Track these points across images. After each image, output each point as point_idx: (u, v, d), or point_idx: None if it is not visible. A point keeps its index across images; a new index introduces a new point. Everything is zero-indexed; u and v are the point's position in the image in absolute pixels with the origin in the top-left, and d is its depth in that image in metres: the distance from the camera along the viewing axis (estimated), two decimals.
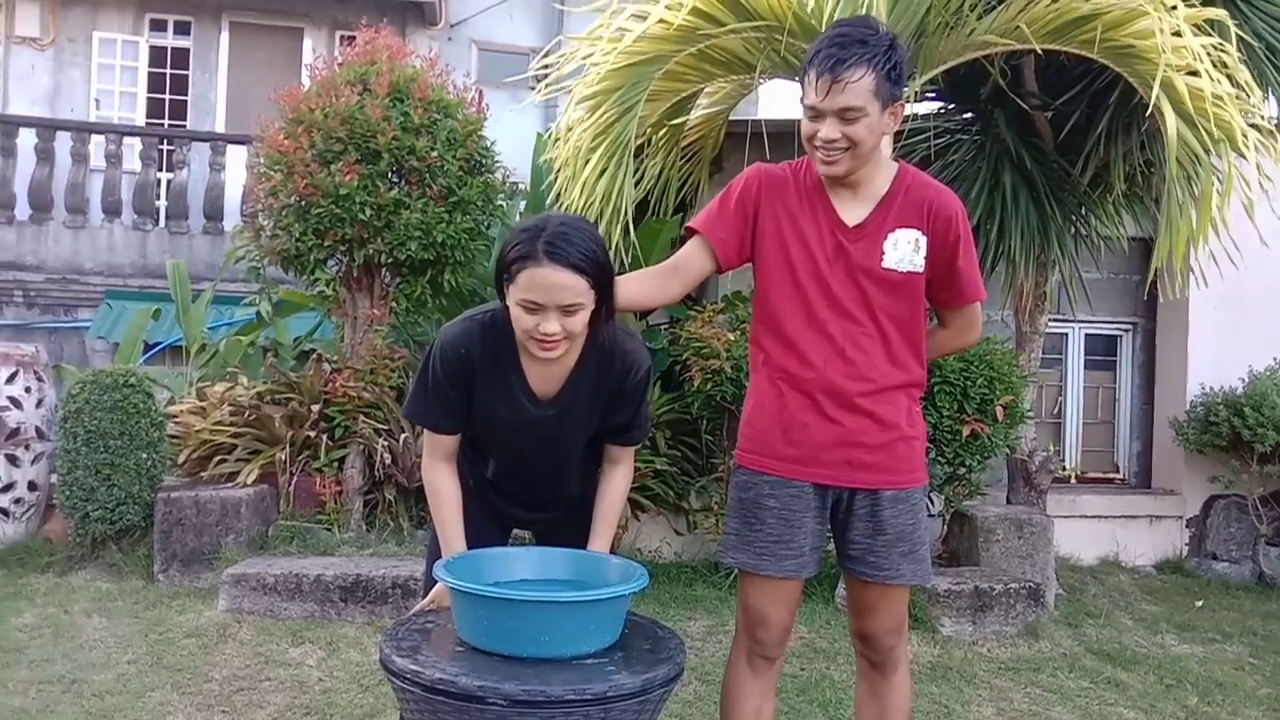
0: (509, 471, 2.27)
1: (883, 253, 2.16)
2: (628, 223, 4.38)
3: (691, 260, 2.28)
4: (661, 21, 4.15)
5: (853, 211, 2.19)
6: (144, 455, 4.77)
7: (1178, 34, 3.79)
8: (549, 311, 1.93)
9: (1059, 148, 5.16)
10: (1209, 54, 3.82)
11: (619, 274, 2.15)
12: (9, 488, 5.01)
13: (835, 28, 2.13)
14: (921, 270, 2.18)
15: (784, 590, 2.26)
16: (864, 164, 2.15)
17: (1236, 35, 4.06)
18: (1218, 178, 4.06)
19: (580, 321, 1.98)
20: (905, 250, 2.16)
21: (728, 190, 2.29)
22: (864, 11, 3.85)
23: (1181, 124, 3.85)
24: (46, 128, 8.95)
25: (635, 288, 2.27)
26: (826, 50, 2.06)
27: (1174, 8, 3.83)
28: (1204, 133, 3.83)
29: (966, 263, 2.21)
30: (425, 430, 2.22)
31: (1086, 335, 6.81)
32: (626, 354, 2.15)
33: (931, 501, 5.11)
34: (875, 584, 2.24)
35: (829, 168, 2.14)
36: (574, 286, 1.92)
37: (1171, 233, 4.03)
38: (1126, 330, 6.84)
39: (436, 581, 2.08)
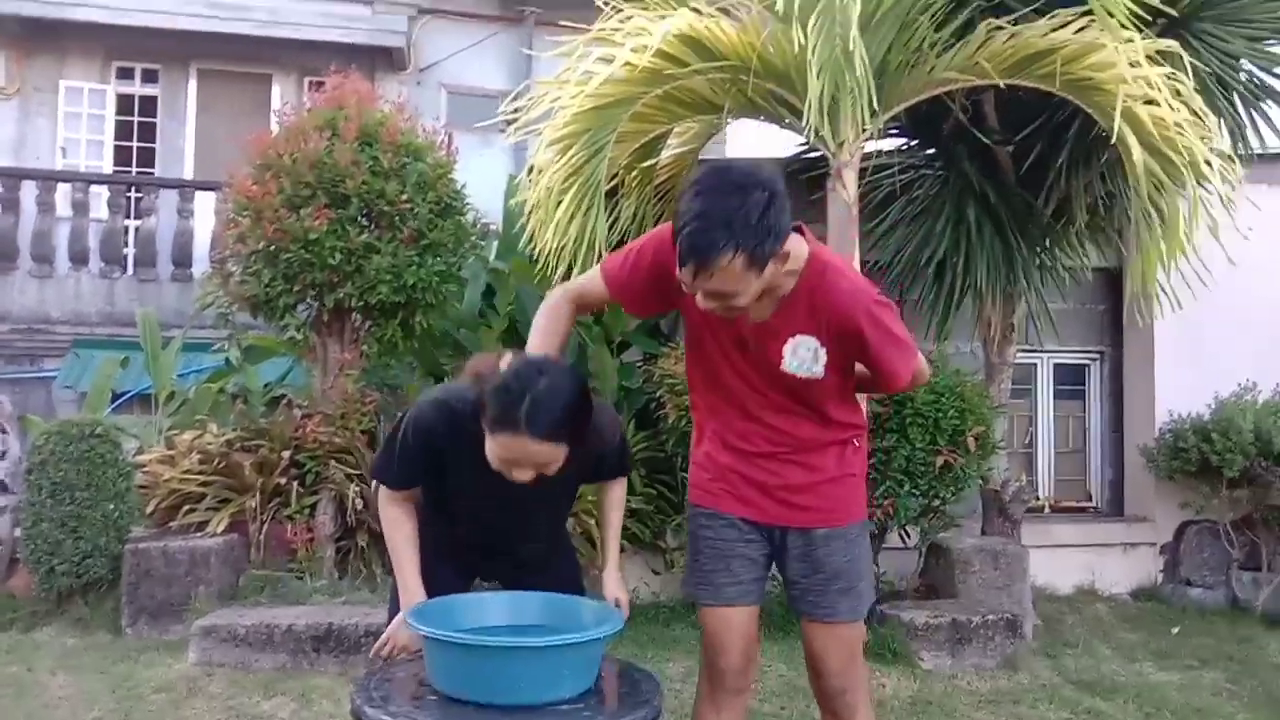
0: (480, 532, 2.28)
1: (782, 357, 2.12)
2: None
3: (596, 296, 2.29)
4: (627, 64, 4.20)
5: (756, 307, 2.06)
6: (111, 506, 4.69)
7: (1136, 64, 3.88)
8: (525, 468, 1.96)
9: (1021, 181, 5.25)
10: (1165, 84, 3.92)
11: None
12: None
13: (701, 187, 1.91)
14: (822, 375, 2.11)
15: (731, 617, 2.28)
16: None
17: (1191, 65, 4.16)
18: (1184, 204, 4.14)
19: (554, 468, 1.98)
20: (804, 357, 2.10)
21: (641, 251, 2.16)
22: (834, 46, 3.87)
23: (1145, 153, 3.92)
24: (11, 177, 8.87)
25: (556, 341, 2.25)
26: (690, 228, 1.87)
27: (1130, 40, 3.93)
28: (1168, 160, 3.91)
29: (884, 356, 2.09)
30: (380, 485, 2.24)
31: (1055, 365, 6.88)
32: (600, 431, 2.13)
33: (907, 534, 5.12)
34: (817, 621, 2.27)
35: (720, 312, 2.03)
36: (553, 454, 1.94)
37: (1143, 259, 4.10)
38: (1094, 359, 6.91)
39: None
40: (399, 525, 2.20)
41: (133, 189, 9.48)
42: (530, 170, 4.81)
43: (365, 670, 2.08)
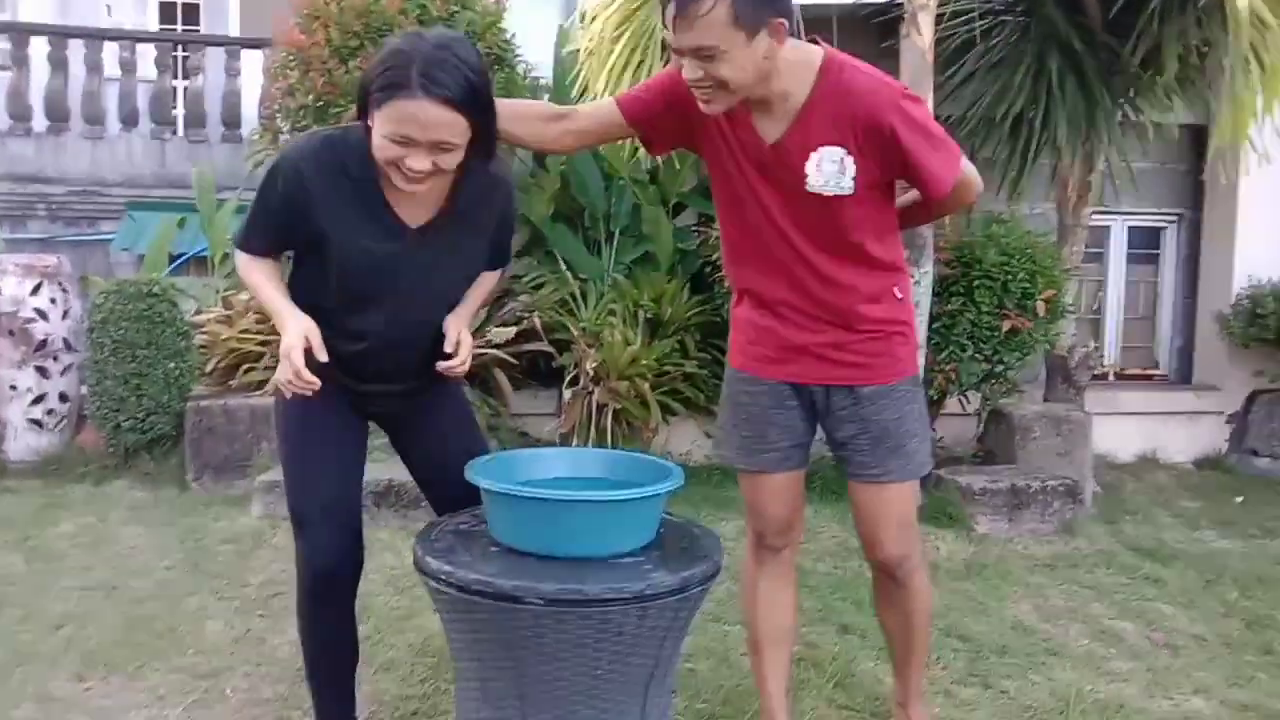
0: (371, 329, 1.98)
1: (805, 175, 1.92)
2: None
3: (599, 120, 2.09)
4: None
5: (770, 128, 1.93)
6: (172, 365, 4.76)
7: None
8: (420, 147, 1.72)
9: (1109, 27, 4.89)
10: None
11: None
12: (40, 399, 5.03)
13: None
14: (851, 191, 1.92)
15: (769, 483, 2.22)
16: (752, 92, 1.87)
17: None
18: None
19: (453, 160, 1.77)
20: (829, 171, 1.91)
21: (658, 80, 2.05)
22: None
23: None
24: (58, 35, 8.76)
25: (510, 119, 2.02)
26: None
27: None
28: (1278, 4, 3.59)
29: (923, 158, 1.90)
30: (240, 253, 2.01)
31: (1130, 228, 6.59)
32: (503, 180, 1.99)
33: (967, 400, 5.03)
34: (867, 483, 2.15)
35: (707, 107, 1.88)
36: (452, 124, 1.71)
37: (1236, 110, 3.82)
38: (1171, 222, 6.61)
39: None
40: (256, 271, 1.97)
41: (179, 48, 9.33)
42: (582, 17, 4.59)
43: (426, 523, 2.07)
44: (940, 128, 1.96)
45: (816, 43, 1.93)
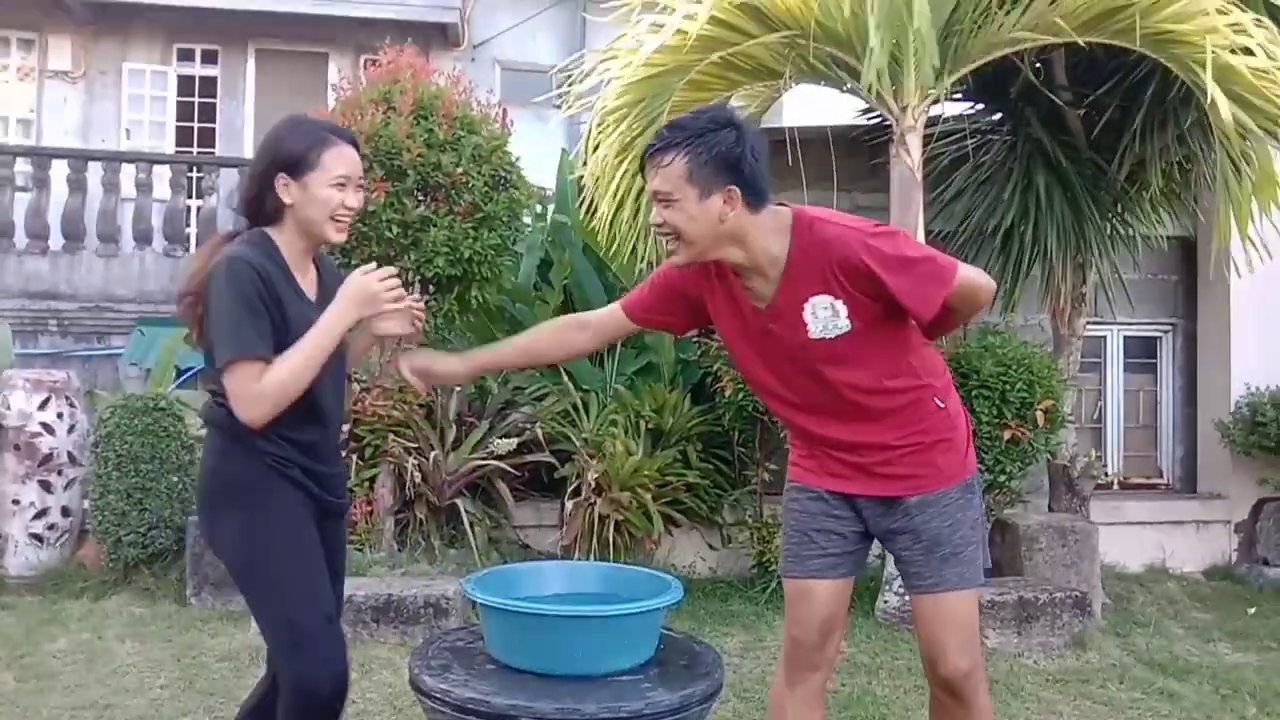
0: (326, 402, 2.14)
1: (805, 324, 2.04)
2: None
3: (612, 327, 2.38)
4: (679, 32, 4.11)
5: (760, 292, 2.09)
6: (175, 479, 4.77)
7: (1223, 11, 3.68)
8: (351, 185, 2.09)
9: (1093, 145, 5.07)
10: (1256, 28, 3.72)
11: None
12: (42, 514, 5.02)
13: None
14: (849, 329, 2.03)
15: (812, 589, 2.19)
16: (708, 252, 2.03)
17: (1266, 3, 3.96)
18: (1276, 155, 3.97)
19: (362, 199, 2.16)
20: (824, 317, 2.03)
21: (652, 279, 2.29)
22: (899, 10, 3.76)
23: (1234, 105, 3.72)
24: (78, 158, 9.05)
25: (524, 339, 2.48)
26: (657, 134, 2.06)
27: None
28: (1257, 110, 3.71)
29: (902, 289, 1.98)
30: (247, 371, 1.94)
31: (1125, 337, 6.67)
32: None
33: None
34: (923, 594, 2.15)
35: (672, 256, 2.10)
36: (360, 164, 2.14)
37: (1229, 215, 3.92)
38: (1166, 331, 6.69)
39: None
40: (281, 361, 1.98)
41: (194, 169, 9.63)
42: (586, 143, 4.76)
43: (424, 639, 2.06)
44: (922, 248, 2.06)
45: (783, 205, 2.08)
